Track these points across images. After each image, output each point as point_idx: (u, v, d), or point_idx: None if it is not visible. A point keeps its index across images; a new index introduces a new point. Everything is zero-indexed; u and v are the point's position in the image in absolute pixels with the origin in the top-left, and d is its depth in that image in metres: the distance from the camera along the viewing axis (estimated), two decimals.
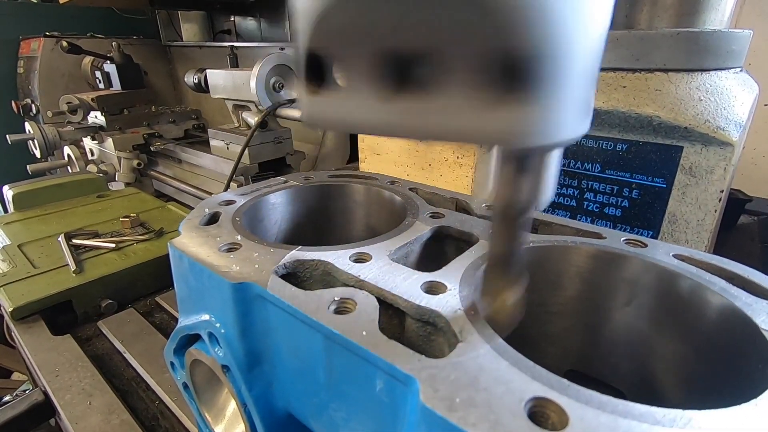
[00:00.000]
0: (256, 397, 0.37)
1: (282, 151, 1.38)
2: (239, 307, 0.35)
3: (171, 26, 2.44)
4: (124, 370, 0.71)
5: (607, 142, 0.60)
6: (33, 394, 0.67)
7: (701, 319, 0.32)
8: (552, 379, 0.23)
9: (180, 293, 0.43)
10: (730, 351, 0.30)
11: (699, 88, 0.54)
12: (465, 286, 0.31)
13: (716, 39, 0.53)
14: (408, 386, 0.24)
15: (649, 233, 0.59)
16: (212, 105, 2.13)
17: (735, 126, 0.51)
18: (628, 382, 0.38)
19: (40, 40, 2.13)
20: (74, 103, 1.69)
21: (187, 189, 1.53)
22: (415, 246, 0.40)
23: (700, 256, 0.35)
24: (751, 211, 1.10)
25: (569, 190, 0.66)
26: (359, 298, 0.31)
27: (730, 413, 0.21)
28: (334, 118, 0.25)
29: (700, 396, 0.32)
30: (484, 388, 0.22)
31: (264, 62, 1.24)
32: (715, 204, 0.54)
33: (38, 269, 0.90)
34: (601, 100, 0.57)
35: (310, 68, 0.24)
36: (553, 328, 0.41)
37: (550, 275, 0.39)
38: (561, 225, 0.42)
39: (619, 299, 0.37)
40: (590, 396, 0.21)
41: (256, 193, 0.52)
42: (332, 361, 0.30)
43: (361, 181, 0.56)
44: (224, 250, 0.38)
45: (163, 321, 0.84)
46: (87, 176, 1.42)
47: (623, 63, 0.57)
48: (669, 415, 0.20)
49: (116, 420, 0.59)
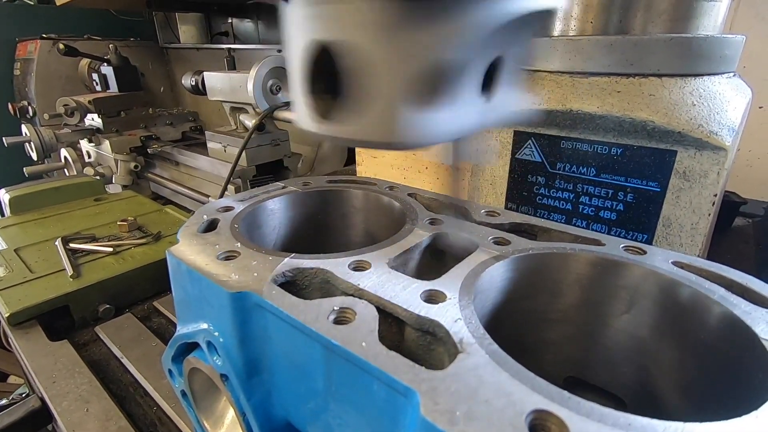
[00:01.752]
0: (254, 406, 0.37)
1: (279, 154, 1.38)
2: (238, 316, 0.35)
3: (168, 28, 2.43)
4: (122, 375, 0.71)
5: (602, 146, 0.60)
6: (30, 401, 0.66)
7: (700, 328, 0.32)
8: (552, 390, 0.23)
9: (178, 301, 0.43)
10: (730, 360, 0.30)
11: (692, 93, 0.54)
12: (465, 294, 0.31)
13: (709, 44, 0.54)
14: (408, 398, 0.24)
15: (643, 237, 0.60)
16: (209, 107, 2.13)
17: (728, 130, 0.52)
18: (628, 389, 0.38)
19: (37, 42, 2.12)
20: (71, 106, 1.69)
21: (184, 191, 1.53)
22: (414, 253, 0.40)
23: (699, 263, 0.35)
24: (745, 213, 1.10)
25: (565, 194, 0.66)
26: (359, 308, 0.30)
27: (731, 426, 0.21)
28: (442, 130, 0.29)
29: (699, 405, 0.32)
30: (484, 400, 0.22)
31: (261, 65, 1.23)
32: (708, 208, 0.54)
33: (35, 274, 0.89)
34: (596, 104, 0.57)
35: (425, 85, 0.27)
36: (552, 335, 0.41)
37: (549, 282, 0.39)
38: (560, 231, 0.42)
39: (619, 307, 0.37)
40: (591, 408, 0.21)
41: (254, 199, 0.52)
42: (331, 371, 0.30)
43: (359, 186, 0.56)
44: (222, 258, 0.38)
45: (161, 326, 0.84)
46: (84, 179, 1.42)
47: (617, 68, 0.57)
48: (670, 428, 0.20)
49: (114, 426, 0.59)
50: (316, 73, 0.30)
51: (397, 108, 0.28)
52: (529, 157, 0.68)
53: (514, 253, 0.37)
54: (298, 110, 0.33)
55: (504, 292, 0.38)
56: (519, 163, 0.69)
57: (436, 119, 0.29)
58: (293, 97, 0.33)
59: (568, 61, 0.61)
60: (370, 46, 0.27)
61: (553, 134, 0.64)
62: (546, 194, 0.68)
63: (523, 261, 0.37)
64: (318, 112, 0.31)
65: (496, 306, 0.38)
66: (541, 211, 0.69)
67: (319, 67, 0.30)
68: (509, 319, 0.39)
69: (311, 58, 0.29)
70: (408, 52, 0.26)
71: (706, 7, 0.56)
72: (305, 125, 0.33)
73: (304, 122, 0.33)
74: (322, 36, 0.28)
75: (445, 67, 0.27)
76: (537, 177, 0.68)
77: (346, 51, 0.28)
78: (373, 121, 0.29)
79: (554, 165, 0.65)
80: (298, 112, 0.33)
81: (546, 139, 0.65)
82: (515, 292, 0.38)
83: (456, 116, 0.30)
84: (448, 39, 0.26)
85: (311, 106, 0.31)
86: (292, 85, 0.33)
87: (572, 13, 0.62)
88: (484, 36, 0.27)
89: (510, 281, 0.38)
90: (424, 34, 0.26)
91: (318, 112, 0.31)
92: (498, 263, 0.36)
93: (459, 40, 0.26)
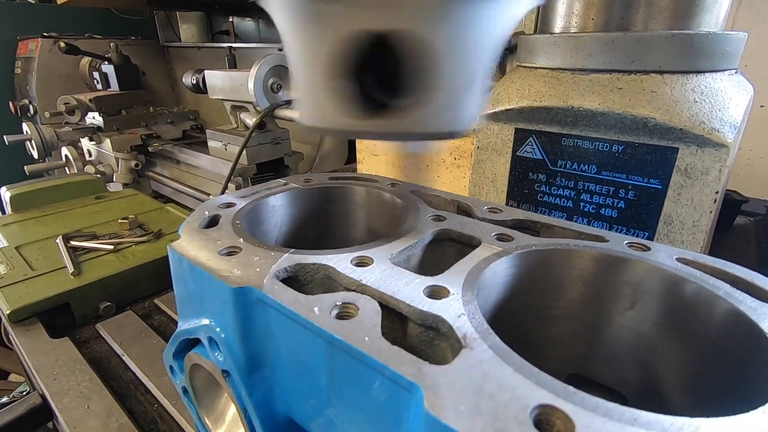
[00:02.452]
0: (256, 402, 0.37)
1: (280, 152, 1.38)
2: (240, 312, 0.34)
3: (169, 27, 2.43)
4: (123, 373, 0.71)
5: (603, 143, 0.60)
6: (31, 398, 0.66)
7: (706, 324, 0.32)
8: (557, 385, 0.22)
9: (179, 297, 0.43)
10: (735, 357, 0.30)
11: (694, 89, 0.54)
12: (468, 290, 0.31)
13: (711, 41, 0.54)
14: (412, 393, 0.24)
15: (645, 234, 0.60)
16: (210, 106, 2.13)
17: (730, 127, 0.52)
18: (631, 386, 0.38)
19: (38, 40, 2.12)
20: (72, 104, 1.68)
21: (184, 190, 1.53)
22: (416, 249, 0.40)
23: (704, 259, 0.35)
24: (747, 212, 1.10)
25: (566, 191, 0.66)
26: (361, 303, 0.30)
27: (739, 421, 0.20)
28: (478, 115, 0.31)
29: (703, 402, 0.32)
30: (488, 395, 0.22)
31: (262, 63, 1.23)
32: (710, 205, 0.54)
33: (36, 271, 0.89)
34: (597, 101, 0.57)
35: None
36: (555, 332, 0.41)
37: (553, 278, 0.39)
38: (563, 228, 0.42)
39: (622, 303, 0.37)
40: (596, 403, 0.21)
41: (256, 195, 0.52)
42: (334, 366, 0.29)
43: (361, 183, 0.56)
44: (224, 254, 0.38)
45: (162, 323, 0.84)
46: (85, 177, 1.42)
47: (619, 65, 0.57)
48: (677, 423, 0.20)
49: (114, 424, 0.59)
50: (363, 66, 0.28)
51: (461, 95, 0.28)
52: (530, 154, 0.67)
53: (517, 249, 0.37)
54: (326, 109, 0.31)
55: (507, 288, 0.38)
56: (520, 160, 0.69)
57: (479, 104, 0.30)
58: (315, 96, 0.31)
59: (570, 58, 0.61)
60: (440, 34, 0.26)
61: (555, 131, 0.64)
62: (547, 192, 0.68)
63: (526, 257, 0.37)
64: (365, 109, 0.30)
65: (498, 302, 0.37)
66: (541, 209, 0.69)
67: (368, 61, 0.28)
68: (512, 316, 0.38)
69: (357, 51, 0.28)
70: (474, 37, 0.26)
71: (707, 3, 0.56)
72: (340, 125, 0.31)
73: (337, 122, 0.31)
74: (379, 25, 0.27)
75: (496, 50, 0.27)
76: (538, 174, 0.67)
77: (410, 40, 0.27)
78: (435, 112, 0.29)
79: (555, 162, 0.65)
80: (325, 112, 0.31)
81: (547, 137, 0.65)
82: (518, 289, 0.38)
83: (482, 100, 0.31)
84: (498, 23, 0.26)
85: (356, 102, 0.29)
86: (315, 83, 0.30)
87: (573, 9, 0.62)
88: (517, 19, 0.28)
89: (513, 277, 0.38)
90: (485, 19, 0.26)
91: (365, 109, 0.30)
92: (501, 259, 0.36)
93: (505, 23, 0.27)
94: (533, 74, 0.66)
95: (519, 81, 0.67)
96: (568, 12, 0.63)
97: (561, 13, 0.64)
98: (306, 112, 0.33)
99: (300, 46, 0.30)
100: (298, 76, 0.32)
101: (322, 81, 0.30)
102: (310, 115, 0.32)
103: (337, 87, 0.29)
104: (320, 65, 0.29)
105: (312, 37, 0.29)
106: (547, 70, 0.64)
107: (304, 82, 0.31)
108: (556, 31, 0.65)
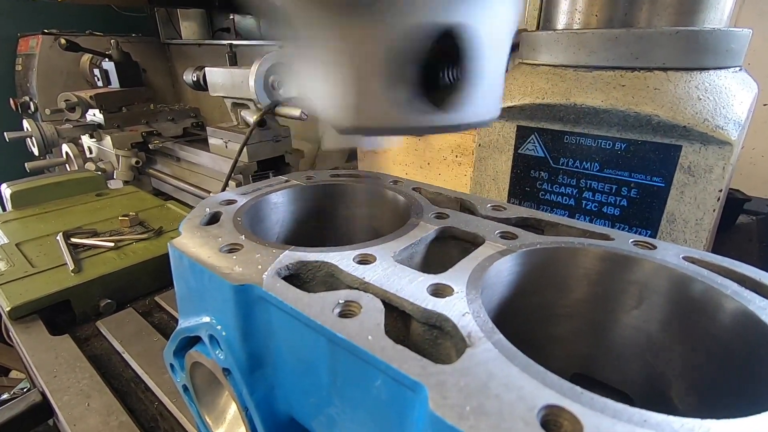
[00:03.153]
0: (257, 401, 0.37)
1: (281, 150, 1.37)
2: (241, 309, 0.34)
3: (170, 24, 2.43)
4: (123, 370, 0.70)
5: (606, 141, 0.60)
6: (31, 395, 0.66)
7: (713, 323, 0.31)
8: (564, 385, 0.22)
9: (180, 294, 0.43)
10: (744, 356, 0.29)
11: (698, 87, 0.53)
12: (472, 288, 0.31)
13: (715, 38, 0.53)
14: (416, 393, 0.23)
15: (647, 233, 0.59)
16: (211, 103, 2.12)
17: (734, 125, 0.51)
18: (637, 386, 0.38)
19: (39, 37, 2.12)
20: (72, 101, 1.68)
21: (185, 187, 1.52)
22: (419, 247, 0.40)
23: (711, 258, 0.35)
24: (750, 210, 1.09)
25: (568, 189, 0.65)
26: (364, 301, 0.30)
27: (750, 423, 0.20)
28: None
29: (711, 402, 0.32)
30: (494, 395, 0.22)
31: (263, 60, 1.23)
32: (713, 203, 0.54)
33: (36, 268, 0.89)
34: (600, 98, 0.57)
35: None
36: (559, 331, 0.41)
37: (557, 277, 0.38)
38: (567, 226, 0.42)
39: (628, 302, 0.37)
40: (604, 404, 0.21)
41: (257, 192, 0.51)
42: (336, 365, 0.29)
43: (363, 180, 0.56)
44: (225, 251, 0.37)
45: (163, 321, 0.84)
46: (86, 174, 1.41)
47: (622, 61, 0.57)
48: (687, 425, 0.20)
49: (115, 421, 0.59)
50: (427, 61, 0.28)
51: (496, 83, 0.29)
52: (532, 152, 0.67)
53: (522, 248, 0.37)
54: (381, 108, 0.30)
55: (511, 286, 0.37)
56: (522, 158, 0.68)
57: (503, 91, 0.32)
58: (365, 95, 0.29)
59: (572, 55, 0.60)
60: (485, 22, 0.27)
61: (557, 129, 0.63)
62: (549, 189, 0.67)
63: (530, 255, 0.37)
64: (426, 103, 0.29)
65: (502, 301, 0.37)
66: (543, 207, 0.68)
67: (437, 54, 0.28)
68: (516, 314, 0.38)
69: (428, 44, 0.27)
70: (502, 23, 0.28)
71: (712, 0, 0.56)
72: (398, 122, 0.30)
73: (394, 119, 0.30)
74: (451, 18, 0.27)
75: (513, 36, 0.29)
76: (540, 172, 0.67)
77: (468, 31, 0.27)
78: (480, 102, 0.29)
79: (557, 160, 0.65)
80: (378, 110, 0.30)
81: (549, 134, 0.64)
82: (523, 287, 0.38)
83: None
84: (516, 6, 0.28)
85: (418, 97, 0.29)
86: (367, 81, 0.29)
87: (577, 6, 0.61)
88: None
89: (517, 276, 0.37)
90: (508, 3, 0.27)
91: (426, 103, 0.29)
92: (505, 257, 0.35)
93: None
94: (536, 71, 0.65)
95: (521, 78, 0.66)
96: (571, 8, 0.62)
97: (564, 10, 0.63)
98: (347, 113, 0.31)
99: (347, 44, 0.29)
100: (335, 77, 0.30)
101: (378, 79, 0.29)
102: (355, 116, 0.31)
103: (397, 84, 0.28)
104: (376, 63, 0.28)
105: (368, 33, 0.28)
106: (549, 67, 0.64)
107: (350, 81, 0.30)
108: (558, 27, 0.64)
